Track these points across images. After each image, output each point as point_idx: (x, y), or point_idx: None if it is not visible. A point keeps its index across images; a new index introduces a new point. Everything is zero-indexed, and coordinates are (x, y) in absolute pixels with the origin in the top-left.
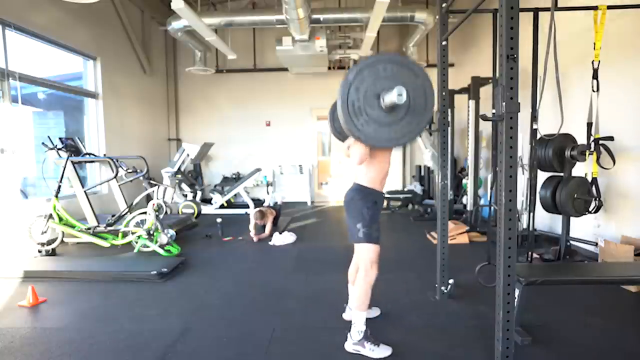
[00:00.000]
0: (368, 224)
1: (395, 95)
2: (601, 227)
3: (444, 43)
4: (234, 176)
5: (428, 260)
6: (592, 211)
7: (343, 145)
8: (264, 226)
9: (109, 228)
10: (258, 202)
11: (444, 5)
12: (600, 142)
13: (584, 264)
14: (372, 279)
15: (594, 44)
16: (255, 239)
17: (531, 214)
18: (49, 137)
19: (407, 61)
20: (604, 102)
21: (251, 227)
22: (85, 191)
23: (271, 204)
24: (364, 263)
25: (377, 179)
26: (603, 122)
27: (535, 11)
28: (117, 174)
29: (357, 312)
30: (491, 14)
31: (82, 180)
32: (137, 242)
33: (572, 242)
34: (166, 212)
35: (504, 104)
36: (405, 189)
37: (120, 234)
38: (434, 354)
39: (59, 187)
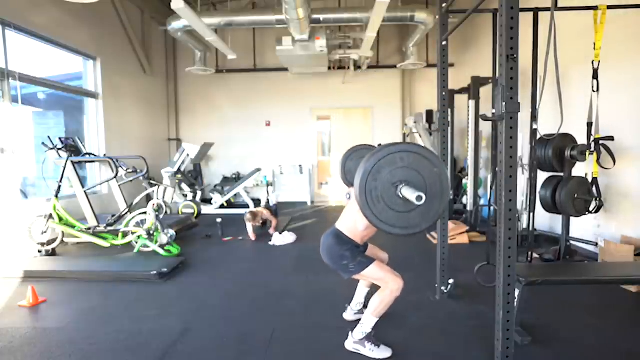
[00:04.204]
0: (352, 257)
1: (414, 198)
2: (601, 227)
3: (444, 43)
4: (234, 176)
5: (428, 260)
6: (593, 211)
7: (345, 189)
8: (262, 225)
9: (109, 228)
10: (258, 202)
11: (444, 5)
12: (601, 142)
13: (584, 264)
14: (398, 288)
15: (594, 44)
16: (253, 238)
17: (531, 214)
18: (49, 137)
19: (424, 150)
20: (604, 102)
21: (249, 229)
22: (85, 191)
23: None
24: (380, 281)
25: (360, 236)
26: (603, 122)
27: (535, 11)
28: (117, 174)
29: (371, 316)
30: (491, 14)
31: (82, 180)
32: (137, 242)
33: (572, 242)
34: (166, 212)
35: (504, 104)
36: None
37: (120, 234)
38: (434, 354)
39: (59, 187)
